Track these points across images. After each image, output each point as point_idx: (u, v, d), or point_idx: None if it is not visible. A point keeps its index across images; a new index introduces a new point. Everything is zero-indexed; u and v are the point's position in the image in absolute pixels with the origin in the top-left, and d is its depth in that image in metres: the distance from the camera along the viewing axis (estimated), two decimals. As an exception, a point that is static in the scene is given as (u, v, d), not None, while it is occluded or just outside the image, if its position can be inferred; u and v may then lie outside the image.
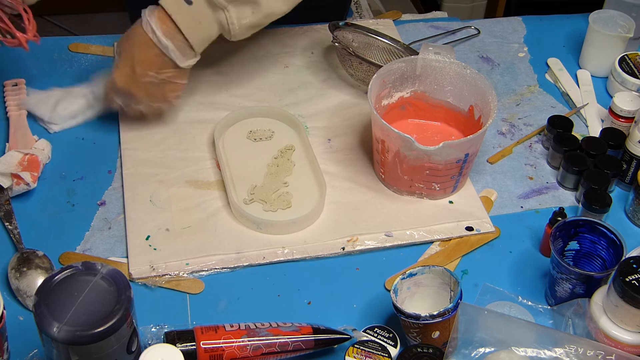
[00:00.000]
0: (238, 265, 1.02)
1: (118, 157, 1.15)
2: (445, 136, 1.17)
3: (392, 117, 1.17)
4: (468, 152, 1.06)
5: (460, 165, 1.07)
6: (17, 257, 0.99)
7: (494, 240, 1.08)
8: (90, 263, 0.82)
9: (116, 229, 1.06)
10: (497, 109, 1.28)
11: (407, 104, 1.19)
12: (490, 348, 0.84)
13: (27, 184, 1.06)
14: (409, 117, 1.20)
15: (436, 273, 0.93)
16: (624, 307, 0.86)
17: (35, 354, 0.90)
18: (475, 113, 1.14)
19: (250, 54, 1.33)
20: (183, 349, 0.85)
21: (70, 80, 1.27)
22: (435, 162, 1.05)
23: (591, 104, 1.29)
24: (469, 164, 1.09)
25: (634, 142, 1.13)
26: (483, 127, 1.06)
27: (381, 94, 1.14)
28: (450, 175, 1.07)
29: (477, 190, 1.14)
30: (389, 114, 1.17)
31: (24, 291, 0.96)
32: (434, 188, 1.09)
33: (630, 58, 1.29)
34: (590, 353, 0.84)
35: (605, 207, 1.06)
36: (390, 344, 0.91)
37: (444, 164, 1.05)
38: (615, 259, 0.95)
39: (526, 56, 1.39)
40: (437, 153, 1.03)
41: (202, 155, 1.16)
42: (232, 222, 1.07)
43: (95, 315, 0.77)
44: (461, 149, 1.05)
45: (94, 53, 1.33)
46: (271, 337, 0.88)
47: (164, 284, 0.99)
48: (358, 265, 1.04)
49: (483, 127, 1.06)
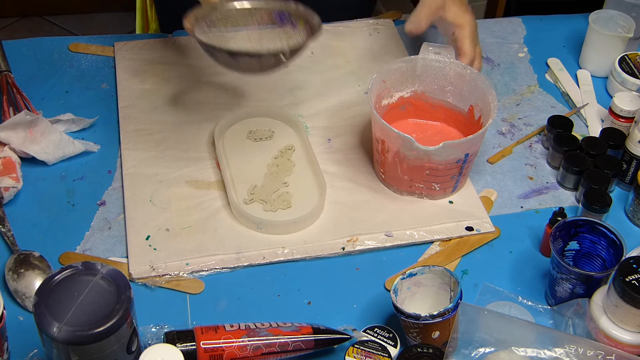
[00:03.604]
0: (238, 265, 1.02)
1: (118, 157, 1.15)
2: (445, 136, 1.17)
3: (392, 117, 1.17)
4: (468, 152, 1.06)
5: (460, 165, 1.07)
6: (14, 258, 0.99)
7: (494, 240, 1.08)
8: (90, 263, 0.82)
9: (116, 229, 1.06)
10: (497, 109, 1.28)
11: (407, 104, 1.19)
12: (490, 348, 0.84)
13: (15, 187, 1.07)
14: (409, 117, 1.20)
15: (436, 273, 0.93)
16: (624, 307, 0.86)
17: (35, 354, 0.90)
18: (475, 113, 1.14)
19: (250, 54, 1.33)
20: (183, 349, 0.85)
21: (70, 80, 1.27)
22: (435, 162, 1.05)
23: (591, 104, 1.29)
24: (469, 163, 1.09)
25: (634, 142, 1.13)
26: (483, 127, 1.06)
27: (381, 94, 1.14)
28: (450, 175, 1.07)
29: (477, 190, 1.14)
30: (389, 114, 1.17)
31: (22, 292, 0.96)
32: (434, 188, 1.09)
33: (630, 58, 1.29)
34: (590, 353, 0.84)
35: (605, 207, 1.06)
36: (390, 344, 0.91)
37: (444, 164, 1.05)
38: (615, 259, 0.95)
39: (526, 56, 1.39)
40: (437, 153, 1.03)
41: (202, 155, 1.16)
42: (232, 222, 1.07)
43: (95, 315, 0.77)
44: (461, 149, 1.05)
45: (94, 53, 1.33)
46: (271, 337, 0.88)
47: (164, 284, 0.99)
48: (358, 265, 1.04)
49: (483, 127, 1.06)
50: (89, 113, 1.20)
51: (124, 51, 1.32)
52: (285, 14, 1.08)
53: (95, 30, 2.75)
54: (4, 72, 1.22)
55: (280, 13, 1.08)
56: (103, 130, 1.20)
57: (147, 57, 1.31)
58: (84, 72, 1.29)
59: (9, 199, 1.07)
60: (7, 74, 1.22)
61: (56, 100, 1.24)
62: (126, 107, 1.23)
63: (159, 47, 1.33)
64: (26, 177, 1.11)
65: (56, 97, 1.24)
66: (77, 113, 1.19)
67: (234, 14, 1.07)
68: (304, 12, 1.08)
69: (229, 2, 1.06)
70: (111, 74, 1.29)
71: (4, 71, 1.22)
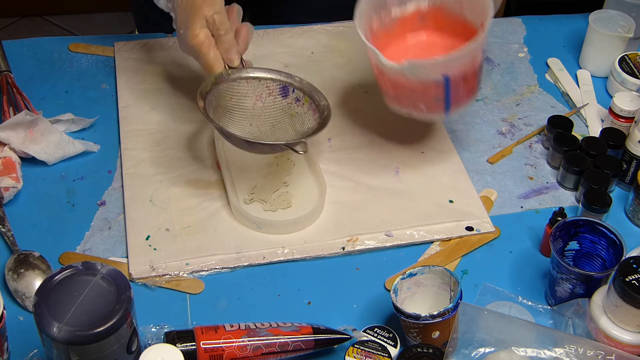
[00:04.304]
0: (238, 265, 1.02)
1: (118, 157, 1.16)
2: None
3: (405, 28, 1.12)
4: (447, 74, 1.01)
5: (442, 88, 1.02)
6: (14, 258, 0.99)
7: (494, 240, 1.08)
8: (90, 263, 0.82)
9: (116, 229, 1.06)
10: (497, 109, 1.28)
11: (426, 17, 1.14)
12: (490, 348, 0.84)
13: (15, 187, 1.07)
14: (429, 29, 1.15)
15: (436, 273, 0.93)
16: (624, 307, 0.86)
17: (35, 354, 0.90)
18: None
19: (251, 54, 1.33)
20: (183, 349, 0.85)
21: (70, 80, 1.27)
22: (410, 81, 1.02)
23: (591, 104, 1.29)
24: (456, 89, 1.04)
25: (634, 142, 1.13)
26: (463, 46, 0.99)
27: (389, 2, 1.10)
28: (432, 96, 1.04)
29: (477, 190, 1.14)
30: (402, 25, 1.12)
31: (22, 292, 0.96)
32: (421, 109, 1.06)
33: (630, 58, 1.29)
34: (590, 353, 0.84)
35: (605, 207, 1.06)
36: (390, 344, 0.91)
37: (420, 84, 1.02)
38: (615, 259, 0.95)
39: (526, 56, 1.39)
40: (407, 71, 0.99)
41: (202, 155, 1.16)
42: (232, 222, 1.07)
43: (95, 315, 0.77)
44: (433, 70, 1.00)
45: (94, 53, 1.33)
46: (271, 337, 0.88)
47: (164, 284, 0.99)
48: (358, 265, 1.04)
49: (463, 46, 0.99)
50: (89, 113, 1.20)
51: (124, 51, 1.32)
52: (288, 88, 1.09)
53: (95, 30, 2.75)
54: (4, 72, 1.22)
55: (285, 86, 1.09)
56: (103, 130, 1.20)
57: (147, 57, 1.31)
58: (84, 72, 1.29)
59: (9, 199, 1.07)
60: (7, 74, 1.22)
61: (56, 100, 1.24)
62: (126, 107, 1.23)
63: (159, 47, 1.33)
64: (26, 177, 1.11)
65: (56, 97, 1.25)
66: (77, 113, 1.19)
67: (238, 85, 1.08)
68: (310, 90, 1.09)
69: (234, 72, 1.07)
70: (111, 74, 1.29)
71: (4, 71, 1.22)
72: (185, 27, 1.05)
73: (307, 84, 1.09)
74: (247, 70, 1.08)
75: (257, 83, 1.08)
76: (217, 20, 1.04)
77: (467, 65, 1.04)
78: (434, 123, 1.23)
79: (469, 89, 1.08)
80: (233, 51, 1.06)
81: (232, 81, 1.07)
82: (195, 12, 1.03)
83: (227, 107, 1.07)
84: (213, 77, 1.05)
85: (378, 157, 1.17)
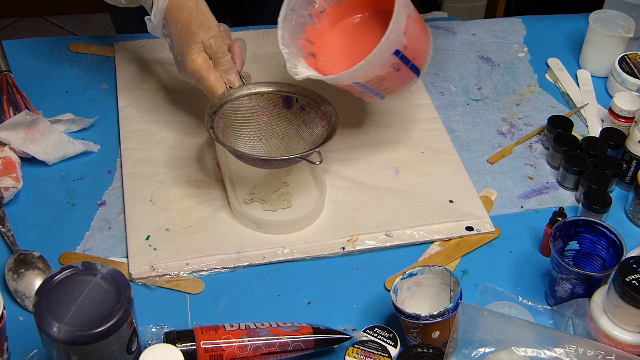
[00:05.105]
0: (238, 265, 1.02)
1: (118, 157, 1.16)
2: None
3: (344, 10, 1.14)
4: (357, 81, 1.03)
5: (360, 88, 1.05)
6: (14, 258, 0.99)
7: (494, 240, 1.08)
8: (90, 263, 0.82)
9: (116, 229, 1.06)
10: (497, 109, 1.28)
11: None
12: (490, 348, 0.84)
13: (15, 187, 1.07)
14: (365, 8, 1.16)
15: (436, 273, 0.93)
16: (624, 307, 0.86)
17: (35, 354, 0.90)
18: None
19: (250, 54, 1.33)
20: (183, 349, 0.85)
21: (70, 80, 1.27)
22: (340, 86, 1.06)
23: (591, 104, 1.29)
24: (378, 85, 1.05)
25: (634, 142, 1.13)
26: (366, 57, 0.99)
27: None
28: (359, 91, 1.07)
29: (477, 190, 1.14)
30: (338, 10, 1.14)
31: (22, 292, 0.96)
32: (364, 94, 1.09)
33: (630, 58, 1.29)
34: (590, 353, 0.84)
35: (605, 207, 1.06)
36: (390, 344, 0.91)
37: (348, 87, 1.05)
38: (615, 259, 0.95)
39: (526, 56, 1.39)
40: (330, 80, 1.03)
41: (202, 155, 1.16)
42: (232, 222, 1.07)
43: (95, 315, 0.77)
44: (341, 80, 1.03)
45: (94, 53, 1.33)
46: (271, 337, 0.88)
47: (164, 284, 0.99)
48: (358, 265, 1.04)
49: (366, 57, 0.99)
50: (89, 113, 1.20)
51: (124, 51, 1.32)
52: (291, 98, 1.10)
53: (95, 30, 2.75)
54: (4, 72, 1.22)
55: (287, 97, 1.10)
56: (103, 130, 1.20)
57: (147, 57, 1.31)
58: (84, 72, 1.29)
59: (9, 199, 1.07)
60: (7, 74, 1.22)
61: (56, 100, 1.24)
62: (126, 107, 1.23)
63: (159, 47, 1.33)
64: (26, 177, 1.11)
65: (56, 97, 1.25)
66: (77, 113, 1.19)
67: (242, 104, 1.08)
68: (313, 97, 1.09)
69: (236, 91, 1.08)
70: (111, 74, 1.29)
71: (4, 71, 1.22)
72: (182, 53, 1.06)
73: (310, 91, 1.09)
74: (248, 87, 1.09)
75: (260, 98, 1.09)
76: (213, 44, 1.05)
77: (376, 71, 1.03)
78: (434, 123, 1.23)
79: (397, 80, 1.07)
80: (232, 72, 1.08)
81: (235, 100, 1.07)
82: (192, 37, 1.05)
83: (234, 126, 1.08)
84: (217, 99, 1.06)
85: (378, 157, 1.17)
